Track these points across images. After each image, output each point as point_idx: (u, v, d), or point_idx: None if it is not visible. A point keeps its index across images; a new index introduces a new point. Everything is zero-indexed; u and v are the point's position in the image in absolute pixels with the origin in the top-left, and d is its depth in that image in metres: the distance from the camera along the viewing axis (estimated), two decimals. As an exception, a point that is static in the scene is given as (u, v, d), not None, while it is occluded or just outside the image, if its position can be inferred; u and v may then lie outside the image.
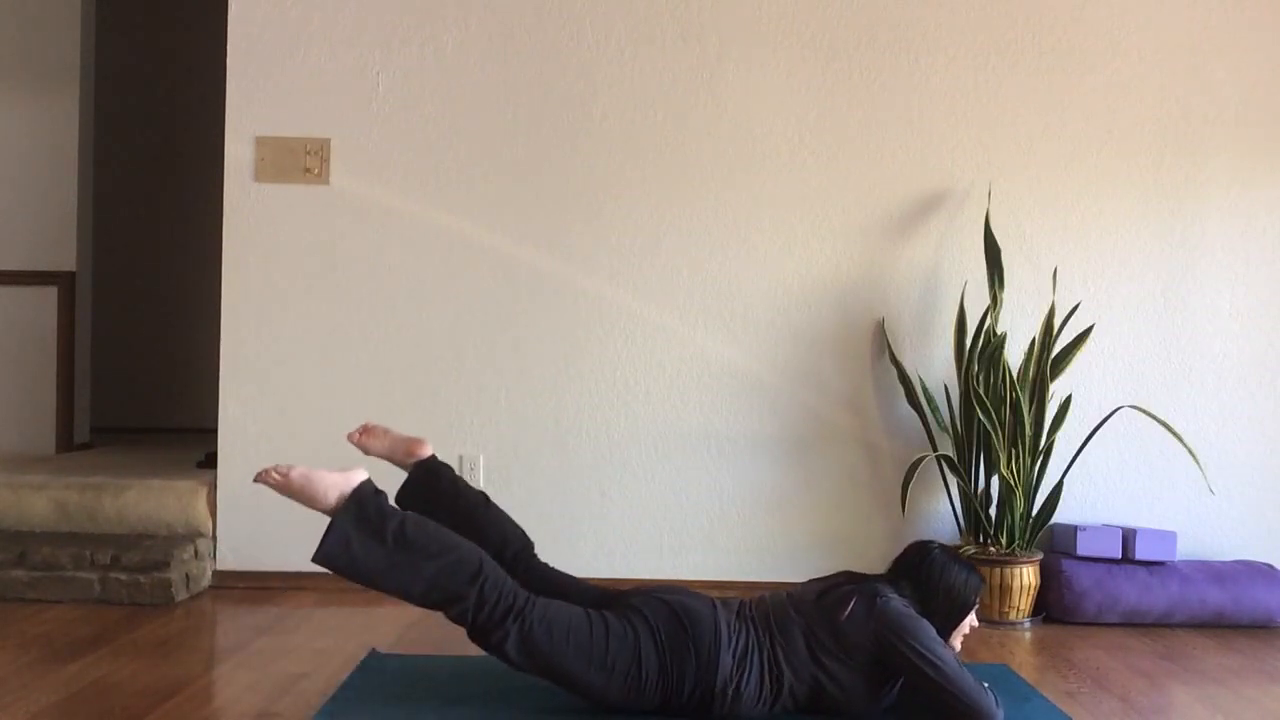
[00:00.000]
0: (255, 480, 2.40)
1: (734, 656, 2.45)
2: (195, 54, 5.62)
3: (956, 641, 2.61)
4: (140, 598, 3.54)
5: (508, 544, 2.65)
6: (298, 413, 3.91)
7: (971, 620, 2.61)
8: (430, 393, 3.93)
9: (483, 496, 2.76)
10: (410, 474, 2.76)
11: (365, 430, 2.78)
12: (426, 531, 2.36)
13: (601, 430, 3.93)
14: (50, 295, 4.82)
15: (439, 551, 2.33)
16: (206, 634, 3.34)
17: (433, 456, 2.77)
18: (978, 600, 2.62)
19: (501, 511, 2.75)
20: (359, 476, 2.38)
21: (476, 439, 3.93)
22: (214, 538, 3.90)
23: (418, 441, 2.77)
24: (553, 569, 2.72)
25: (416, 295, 3.94)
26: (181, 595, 3.63)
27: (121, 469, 4.24)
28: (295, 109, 3.93)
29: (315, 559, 2.33)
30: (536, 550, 2.73)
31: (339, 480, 2.35)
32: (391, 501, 2.51)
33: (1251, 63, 3.96)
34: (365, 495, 2.36)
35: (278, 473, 2.38)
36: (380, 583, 2.37)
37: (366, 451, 2.76)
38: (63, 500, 3.85)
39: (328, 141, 3.93)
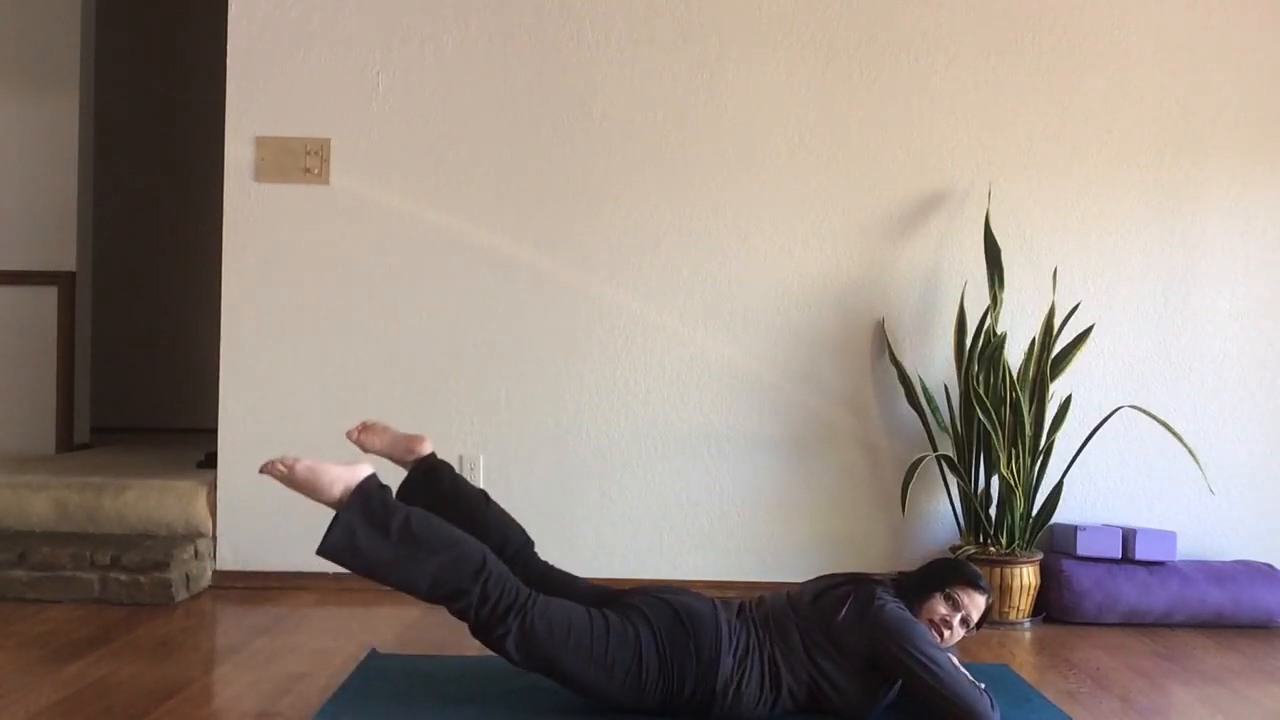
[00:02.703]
0: (261, 471, 2.40)
1: (735, 658, 2.45)
2: (195, 54, 5.63)
3: (926, 620, 2.53)
4: (140, 598, 3.54)
5: (508, 542, 2.65)
6: (298, 413, 3.91)
7: (944, 610, 2.53)
8: (430, 393, 3.93)
9: (483, 495, 2.75)
10: (410, 472, 2.75)
11: (364, 427, 2.78)
12: (431, 527, 2.37)
13: (601, 430, 3.93)
14: (50, 295, 4.81)
15: (443, 547, 2.34)
16: (206, 634, 3.34)
17: (432, 454, 2.77)
18: (959, 589, 2.54)
19: (502, 510, 2.75)
20: (364, 471, 2.38)
21: (476, 439, 3.93)
22: (214, 538, 3.90)
23: (417, 439, 2.77)
24: (553, 567, 2.72)
25: (416, 295, 3.94)
26: (181, 595, 3.63)
27: (121, 469, 4.24)
28: (295, 109, 3.93)
29: (320, 551, 2.33)
30: (536, 550, 2.73)
31: (344, 474, 2.36)
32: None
33: (1251, 63, 3.96)
34: (371, 489, 2.36)
35: (283, 464, 2.38)
36: (384, 576, 2.38)
37: (365, 449, 2.75)
38: (63, 500, 3.85)
39: (328, 141, 3.93)
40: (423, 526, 2.35)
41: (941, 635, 2.54)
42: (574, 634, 2.39)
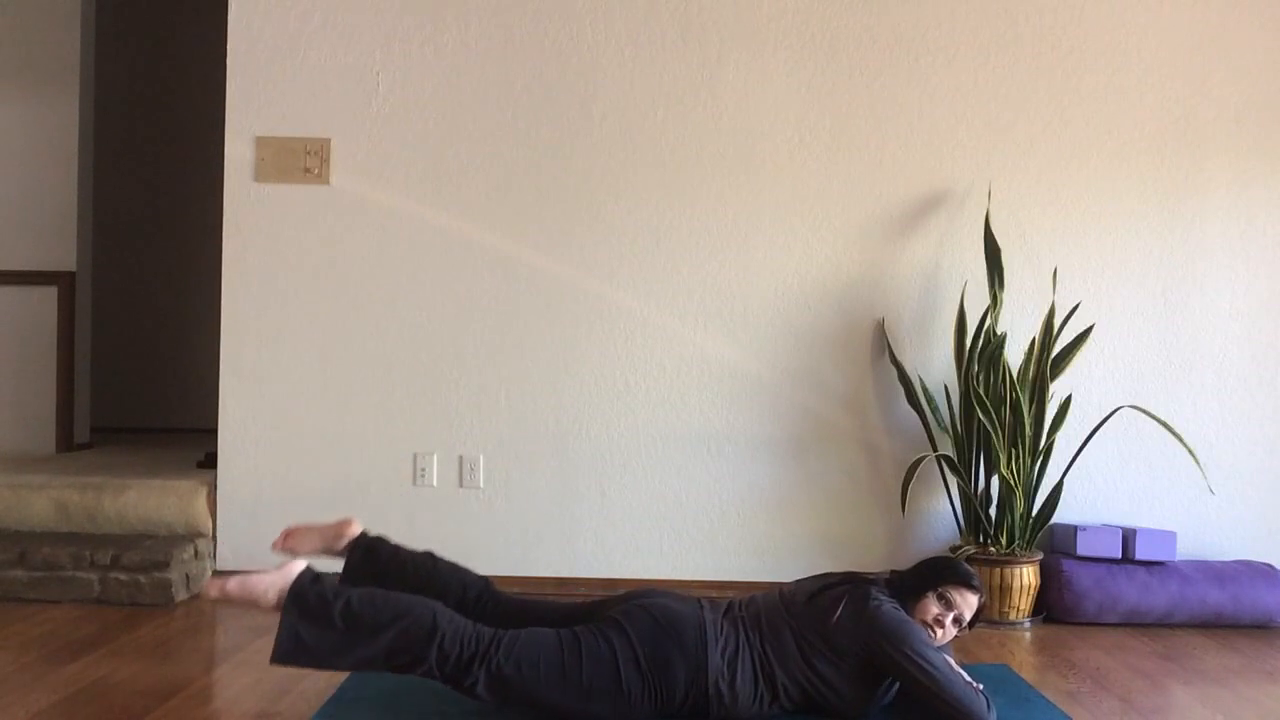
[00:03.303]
0: (201, 594, 2.39)
1: (723, 656, 2.45)
2: (195, 54, 5.64)
3: (919, 619, 2.53)
4: (140, 598, 3.54)
5: (467, 589, 2.65)
6: (298, 413, 3.91)
7: (936, 610, 2.54)
8: (430, 393, 3.93)
9: (428, 555, 2.73)
10: (347, 558, 2.70)
11: (288, 534, 2.73)
12: (374, 604, 2.34)
13: (601, 430, 3.93)
14: (50, 295, 4.82)
15: (391, 620, 2.31)
16: (206, 634, 3.34)
17: (364, 533, 2.73)
18: (952, 588, 2.55)
19: (450, 562, 2.73)
20: (295, 569, 2.35)
21: (476, 439, 3.93)
22: (214, 538, 3.90)
23: (344, 523, 2.73)
24: (520, 598, 2.71)
25: (416, 295, 3.94)
26: (181, 595, 3.63)
27: (121, 469, 4.25)
28: (295, 109, 3.93)
29: (272, 661, 2.30)
30: (536, 549, 2.72)
31: (276, 579, 2.33)
32: (338, 582, 2.50)
33: (1251, 63, 3.96)
34: (304, 586, 2.33)
35: (214, 586, 2.36)
36: (341, 665, 2.35)
37: (297, 554, 2.68)
38: (63, 500, 3.85)
39: (328, 141, 3.93)
40: (365, 606, 2.32)
41: (935, 634, 2.54)
42: (545, 665, 2.36)
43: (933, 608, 2.55)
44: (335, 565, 2.67)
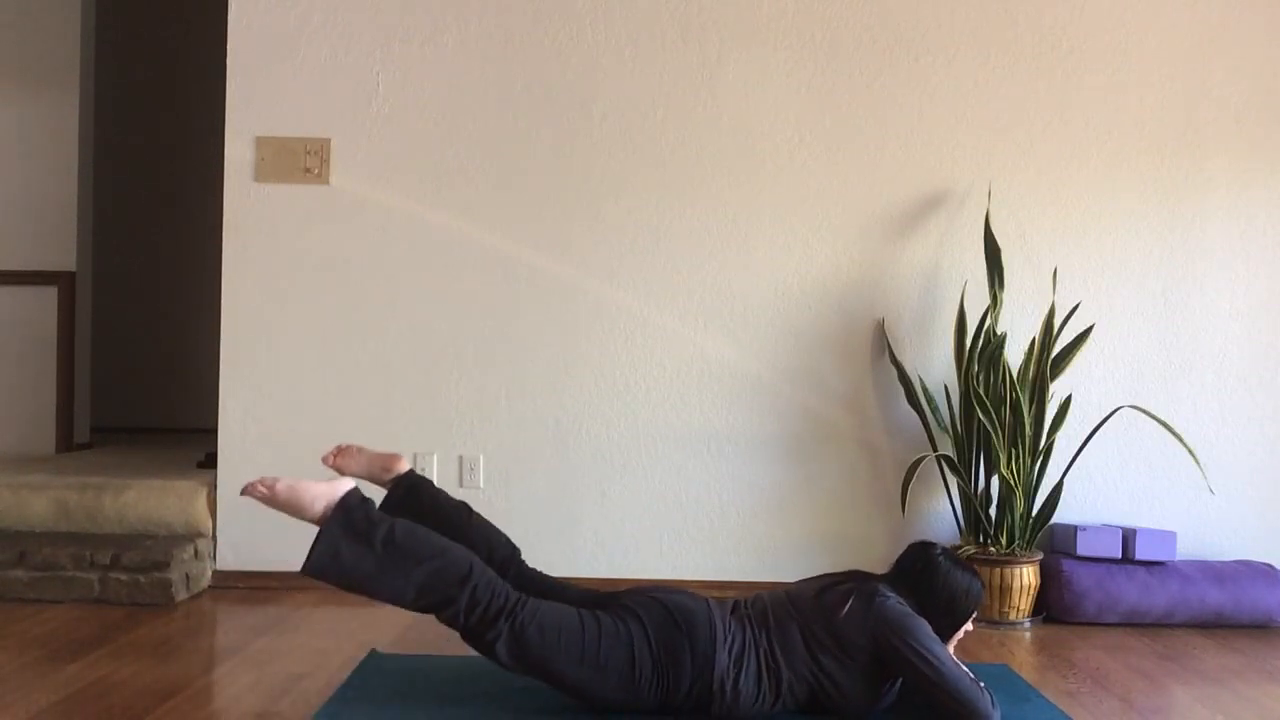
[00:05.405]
0: (242, 493, 2.40)
1: (730, 654, 2.46)
2: (195, 54, 5.63)
3: (952, 645, 2.62)
4: (140, 598, 3.54)
5: (494, 551, 2.65)
6: (298, 413, 3.91)
7: (968, 625, 2.63)
8: (430, 393, 3.93)
9: (465, 507, 2.73)
10: (389, 492, 2.72)
11: (340, 451, 2.76)
12: (415, 537, 2.35)
13: (601, 430, 3.93)
14: (50, 295, 4.82)
15: (429, 556, 2.32)
16: (206, 634, 3.34)
17: (410, 471, 2.75)
18: (978, 608, 2.64)
19: (485, 521, 2.74)
20: (346, 485, 2.37)
21: (476, 439, 3.93)
22: (214, 538, 3.90)
23: (394, 457, 2.75)
24: (541, 574, 2.72)
25: (416, 295, 3.94)
26: (181, 595, 3.63)
27: (121, 469, 4.25)
28: (295, 109, 3.93)
29: (304, 570, 2.32)
30: (536, 549, 2.73)
31: (325, 490, 2.34)
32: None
33: (1251, 63, 3.96)
34: (352, 503, 2.34)
35: (264, 485, 2.37)
36: (371, 589, 2.36)
37: (343, 473, 2.71)
38: (63, 500, 3.85)
39: (328, 141, 3.93)
40: (407, 537, 2.33)
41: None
42: (565, 635, 2.38)
43: (963, 631, 2.63)
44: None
